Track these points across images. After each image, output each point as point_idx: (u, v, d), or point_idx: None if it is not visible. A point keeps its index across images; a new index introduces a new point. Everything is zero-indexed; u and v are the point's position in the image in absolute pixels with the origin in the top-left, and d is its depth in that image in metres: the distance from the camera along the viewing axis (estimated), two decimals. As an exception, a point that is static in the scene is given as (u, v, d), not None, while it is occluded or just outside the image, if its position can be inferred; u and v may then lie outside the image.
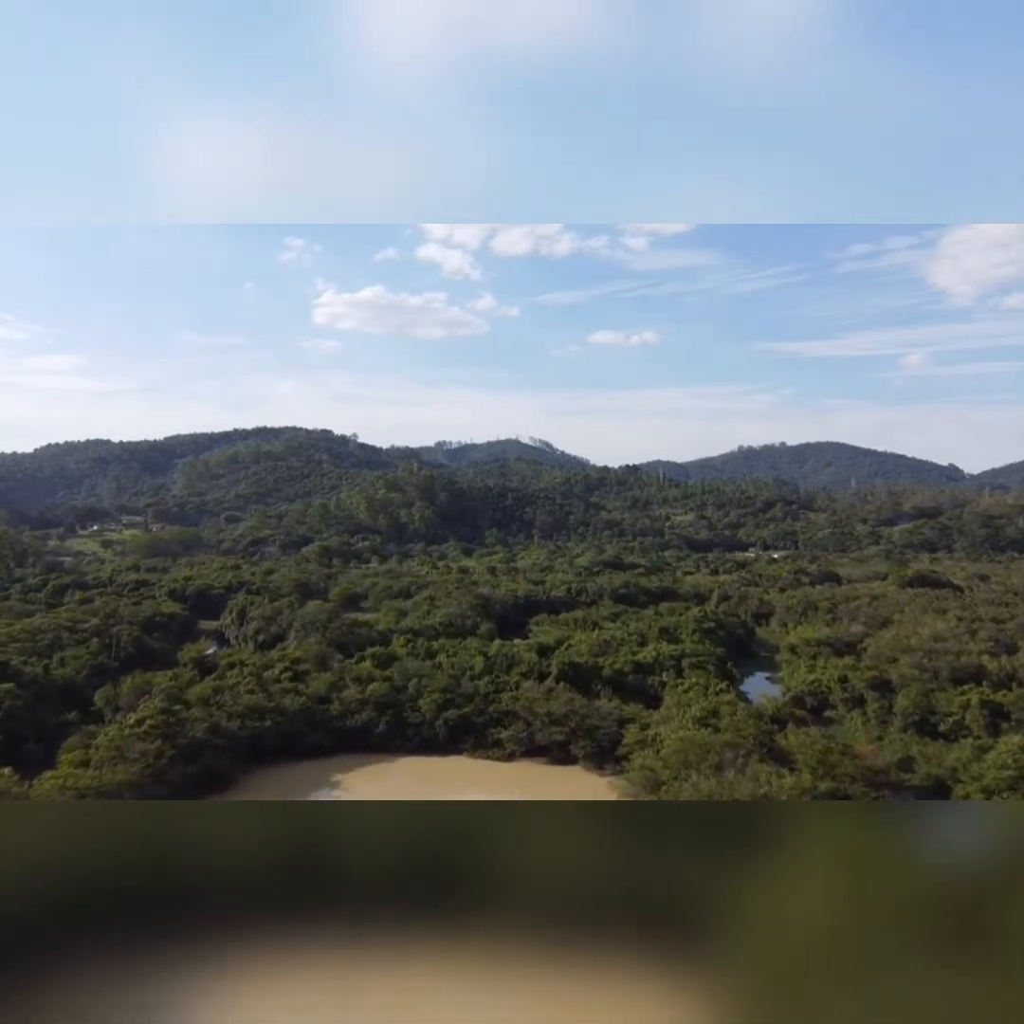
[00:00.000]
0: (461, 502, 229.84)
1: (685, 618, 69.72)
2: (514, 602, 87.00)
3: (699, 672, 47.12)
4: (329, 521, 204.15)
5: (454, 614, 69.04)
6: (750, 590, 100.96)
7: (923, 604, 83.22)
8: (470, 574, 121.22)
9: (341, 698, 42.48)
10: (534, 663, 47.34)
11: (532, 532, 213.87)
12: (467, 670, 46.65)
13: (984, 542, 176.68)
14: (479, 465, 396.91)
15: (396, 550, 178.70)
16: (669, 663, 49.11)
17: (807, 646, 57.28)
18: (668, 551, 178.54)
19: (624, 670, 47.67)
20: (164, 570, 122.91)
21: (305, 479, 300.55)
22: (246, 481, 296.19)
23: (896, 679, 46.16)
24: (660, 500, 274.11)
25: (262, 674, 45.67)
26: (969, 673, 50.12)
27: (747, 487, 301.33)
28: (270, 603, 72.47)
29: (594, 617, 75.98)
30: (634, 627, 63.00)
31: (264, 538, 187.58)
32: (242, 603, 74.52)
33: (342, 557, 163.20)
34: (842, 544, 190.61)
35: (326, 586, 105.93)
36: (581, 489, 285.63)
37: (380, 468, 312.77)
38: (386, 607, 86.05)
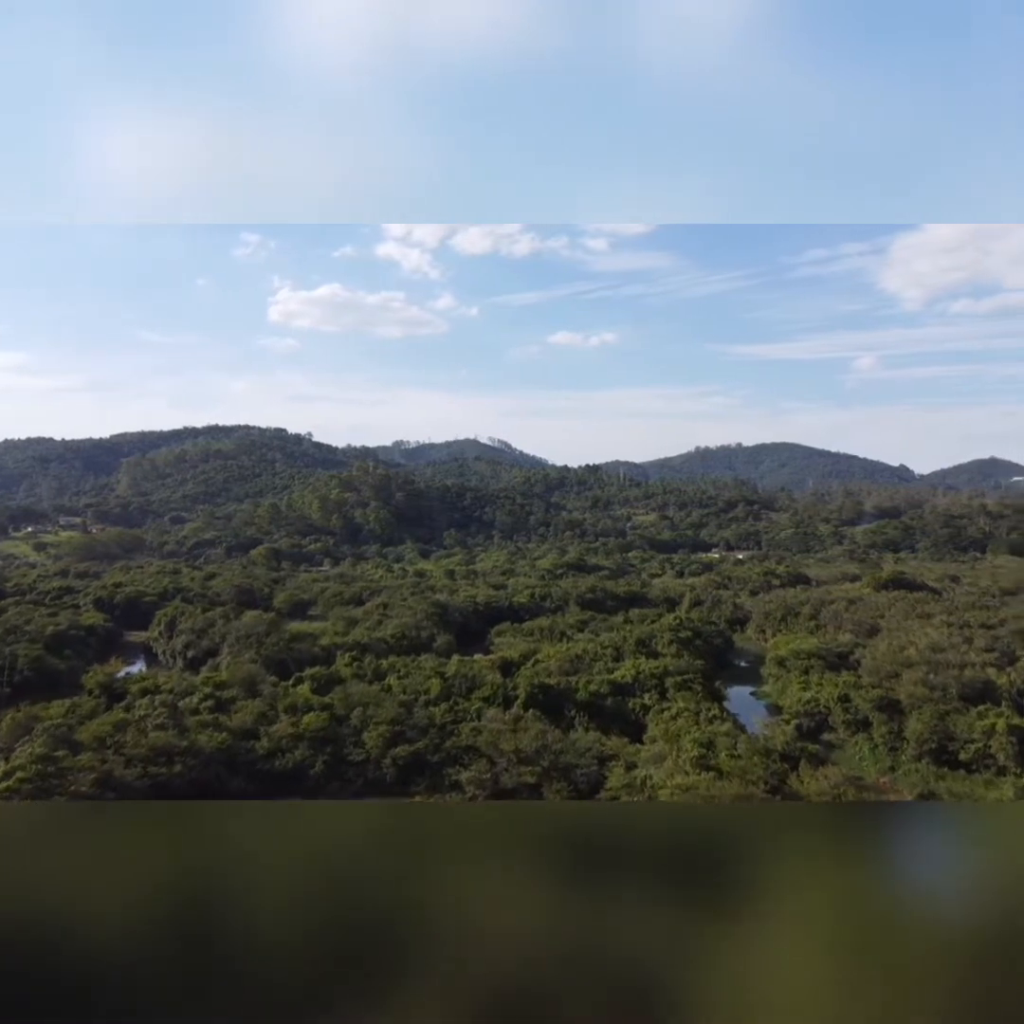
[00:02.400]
0: (418, 502, 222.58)
1: (660, 626, 64.31)
2: (474, 609, 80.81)
3: (685, 693, 41.44)
4: (279, 522, 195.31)
5: (408, 625, 62.53)
6: (722, 594, 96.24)
7: (904, 608, 79.21)
8: (427, 578, 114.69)
9: (270, 733, 35.76)
10: (498, 685, 41.14)
11: (492, 533, 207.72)
12: (421, 695, 40.28)
13: (947, 542, 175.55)
14: (437, 465, 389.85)
15: (350, 552, 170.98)
16: (651, 682, 43.36)
17: (797, 659, 52.12)
18: (631, 552, 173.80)
19: (601, 691, 41.77)
20: (95, 575, 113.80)
21: (256, 478, 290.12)
22: (194, 481, 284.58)
23: (905, 699, 41.06)
24: (621, 500, 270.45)
25: (178, 703, 38.74)
26: (977, 689, 45.36)
27: (707, 487, 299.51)
28: (202, 613, 65.08)
29: (561, 626, 70.20)
30: (607, 638, 57.23)
31: (210, 540, 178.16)
32: (171, 613, 66.96)
33: (292, 560, 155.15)
34: (805, 544, 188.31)
35: (271, 592, 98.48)
36: (541, 489, 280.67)
37: (336, 468, 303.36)
38: (335, 615, 79.20)
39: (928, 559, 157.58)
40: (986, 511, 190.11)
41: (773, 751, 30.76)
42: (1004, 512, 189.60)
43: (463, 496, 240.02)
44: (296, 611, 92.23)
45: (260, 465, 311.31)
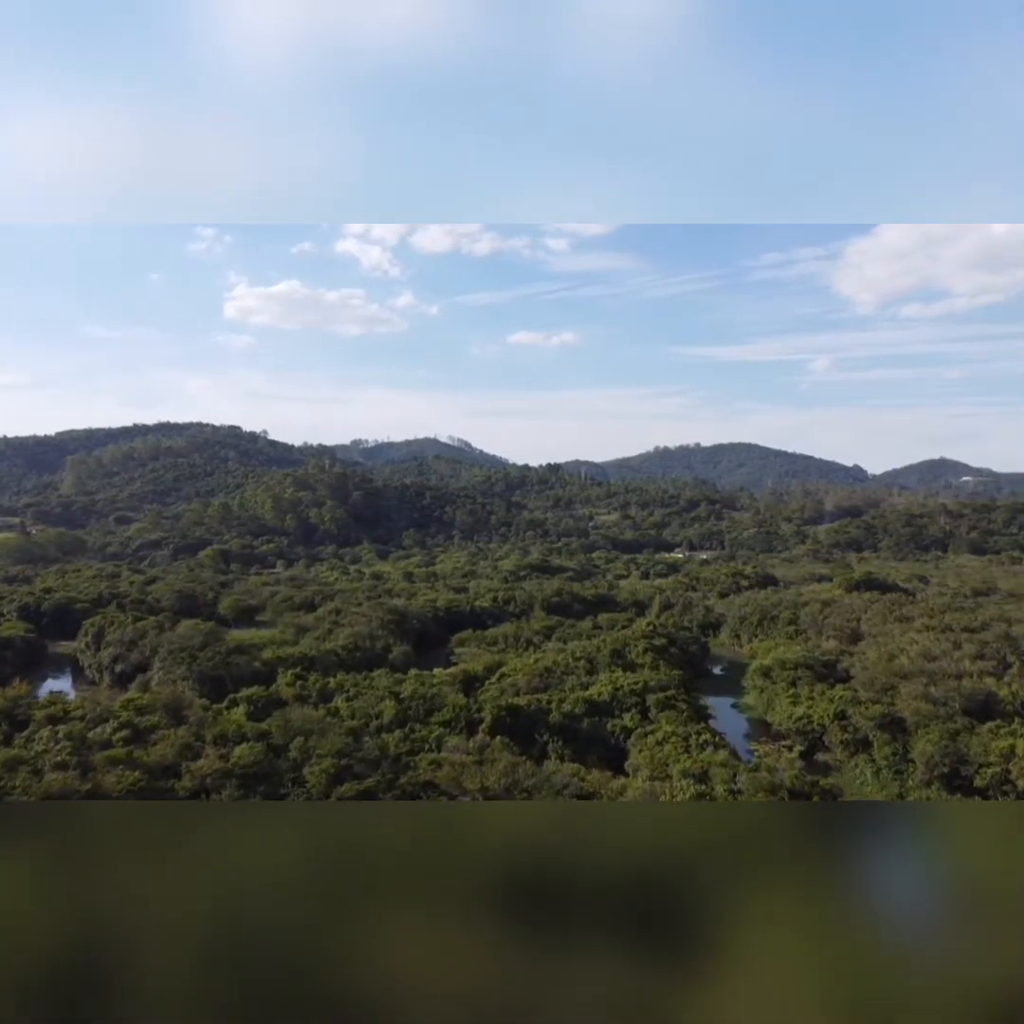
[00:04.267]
0: (376, 501, 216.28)
1: (633, 633, 60.15)
2: (434, 615, 75.85)
3: (669, 713, 37.12)
4: (230, 522, 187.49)
5: (361, 634, 57.33)
6: (692, 596, 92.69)
7: (882, 611, 76.27)
8: (384, 581, 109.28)
9: (193, 769, 30.50)
10: (460, 707, 36.36)
11: (452, 533, 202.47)
12: (373, 719, 35.33)
13: (908, 541, 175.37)
14: (396, 464, 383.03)
15: (304, 553, 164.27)
16: (630, 700, 38.97)
17: (783, 669, 48.26)
18: (595, 552, 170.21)
19: (576, 712, 37.24)
20: (26, 580, 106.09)
21: (208, 477, 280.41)
22: (142, 479, 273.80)
23: (910, 716, 37.28)
24: (583, 499, 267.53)
25: (88, 734, 33.22)
26: (979, 702, 41.92)
27: (668, 486, 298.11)
28: (133, 622, 59.07)
29: (527, 632, 65.63)
30: (578, 648, 52.78)
31: (156, 541, 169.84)
32: (99, 622, 60.79)
33: (243, 562, 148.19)
34: (769, 544, 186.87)
35: (216, 597, 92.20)
36: (502, 488, 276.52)
37: (291, 466, 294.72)
38: (284, 622, 73.59)
39: (891, 558, 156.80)
40: (946, 510, 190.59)
41: (780, 787, 26.64)
42: (963, 512, 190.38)
43: (422, 495, 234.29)
44: (243, 617, 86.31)
45: (212, 463, 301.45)
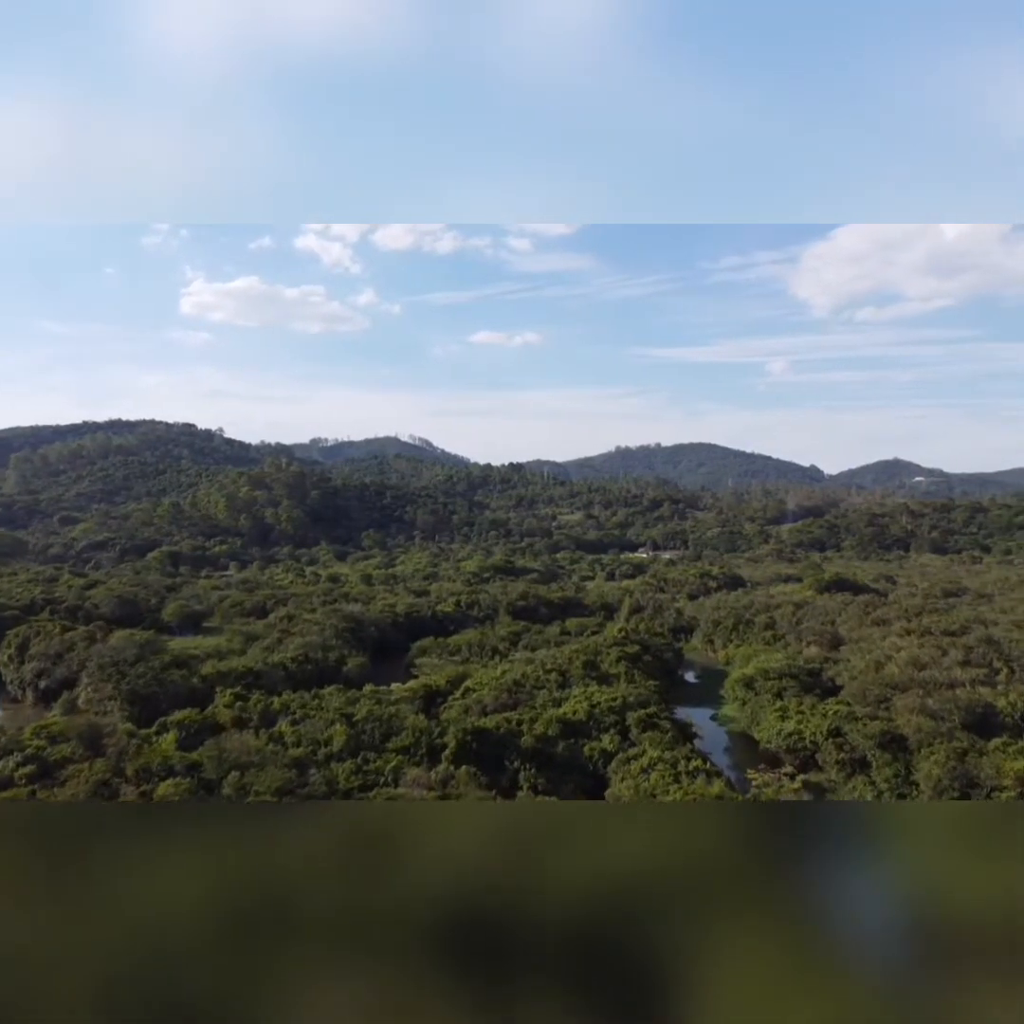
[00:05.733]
0: (335, 501, 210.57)
1: (604, 640, 56.79)
2: (393, 621, 71.67)
3: (652, 735, 33.60)
4: (182, 522, 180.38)
5: (313, 644, 52.95)
6: (661, 598, 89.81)
7: (856, 614, 74.18)
8: (341, 584, 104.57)
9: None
10: (421, 731, 32.40)
11: (413, 533, 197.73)
12: (321, 746, 31.25)
13: (871, 540, 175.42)
14: (356, 462, 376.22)
15: (259, 555, 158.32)
16: (608, 719, 35.37)
17: (766, 679, 45.17)
18: (560, 553, 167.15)
19: (549, 734, 33.53)
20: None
21: (160, 476, 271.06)
22: (91, 478, 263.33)
23: (912, 734, 34.29)
24: (546, 499, 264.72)
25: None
26: (978, 715, 39.22)
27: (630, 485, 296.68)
28: (61, 633, 53.89)
29: (492, 639, 61.87)
30: (548, 658, 49.13)
31: (102, 542, 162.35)
32: (25, 632, 55.44)
33: (193, 564, 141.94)
34: (732, 543, 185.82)
35: (161, 602, 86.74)
36: (464, 487, 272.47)
37: (248, 465, 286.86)
38: (232, 630, 68.83)
39: (855, 558, 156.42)
40: (908, 510, 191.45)
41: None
42: (924, 511, 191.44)
43: (383, 495, 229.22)
44: (188, 624, 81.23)
45: (165, 462, 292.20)
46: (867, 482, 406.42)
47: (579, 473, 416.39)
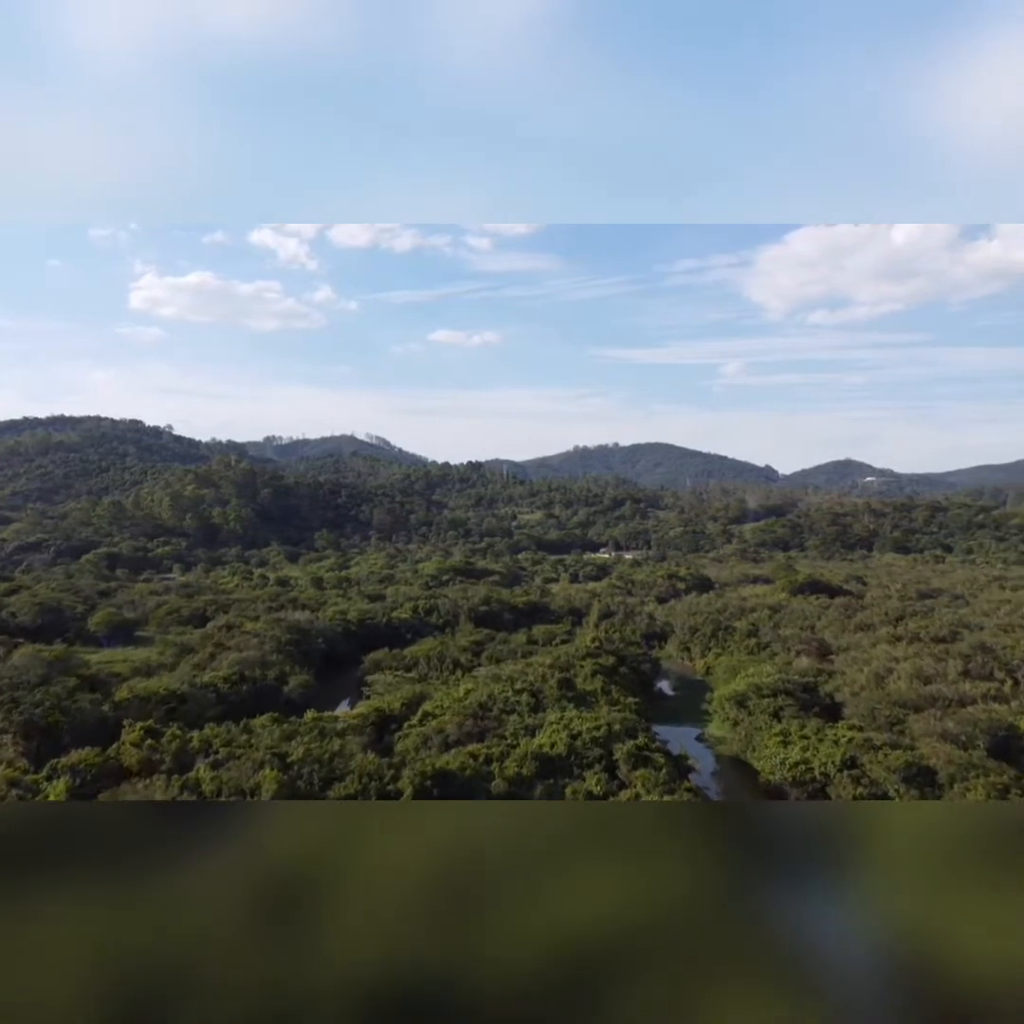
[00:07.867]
0: (287, 500, 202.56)
1: (576, 649, 51.78)
2: (344, 629, 65.73)
3: (645, 772, 28.51)
4: (123, 522, 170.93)
5: (251, 660, 46.84)
6: (630, 602, 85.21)
7: (836, 618, 70.41)
8: (290, 588, 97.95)
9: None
10: (371, 774, 26.81)
11: (369, 533, 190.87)
12: (246, 796, 25.53)
13: (834, 540, 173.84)
14: (311, 461, 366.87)
15: (205, 556, 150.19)
16: (593, 753, 30.20)
17: (760, 697, 40.51)
18: (521, 554, 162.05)
19: (524, 774, 28.20)
20: None
21: (103, 474, 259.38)
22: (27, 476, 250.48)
23: (941, 767, 29.78)
24: (505, 498, 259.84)
25: None
26: (1001, 740, 35.03)
27: (591, 485, 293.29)
28: (-41, 651, 46.89)
29: (452, 650, 56.30)
30: (515, 672, 43.80)
31: (35, 543, 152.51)
32: (-83, 650, 48.23)
33: (134, 567, 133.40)
34: (695, 543, 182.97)
35: (90, 609, 79.32)
36: (423, 486, 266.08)
37: (198, 463, 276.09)
38: (166, 641, 62.16)
39: (819, 557, 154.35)
40: (870, 509, 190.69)
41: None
42: (885, 511, 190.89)
43: (337, 494, 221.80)
44: (119, 634, 74.10)
45: (108, 459, 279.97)
46: (821, 482, 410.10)
47: (537, 473, 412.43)
